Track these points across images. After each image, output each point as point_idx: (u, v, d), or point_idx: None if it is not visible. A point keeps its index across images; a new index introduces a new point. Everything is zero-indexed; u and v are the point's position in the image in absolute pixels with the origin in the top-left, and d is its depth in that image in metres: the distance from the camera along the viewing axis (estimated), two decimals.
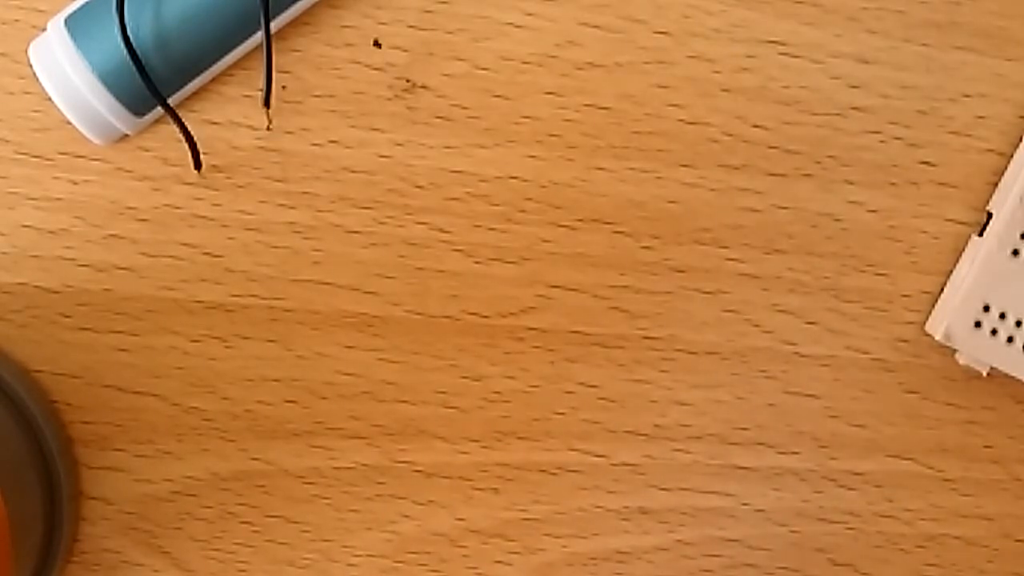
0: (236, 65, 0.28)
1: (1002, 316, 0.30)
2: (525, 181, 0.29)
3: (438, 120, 0.29)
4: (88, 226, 0.28)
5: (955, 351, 0.30)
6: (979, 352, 0.30)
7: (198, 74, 0.27)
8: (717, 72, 0.29)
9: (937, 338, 0.30)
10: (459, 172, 0.29)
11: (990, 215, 0.30)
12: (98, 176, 0.28)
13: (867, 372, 0.31)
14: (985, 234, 0.30)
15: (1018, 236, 0.30)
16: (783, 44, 0.30)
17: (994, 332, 0.30)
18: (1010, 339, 0.30)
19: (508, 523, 0.30)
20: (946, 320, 0.30)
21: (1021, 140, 0.30)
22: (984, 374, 0.30)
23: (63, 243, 0.28)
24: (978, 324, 0.30)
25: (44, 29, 0.27)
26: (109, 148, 0.28)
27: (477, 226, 0.29)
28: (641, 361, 0.30)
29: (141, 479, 0.29)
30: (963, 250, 0.31)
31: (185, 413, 0.29)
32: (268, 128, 0.28)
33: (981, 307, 0.30)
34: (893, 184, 0.30)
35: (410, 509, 0.30)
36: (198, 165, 0.28)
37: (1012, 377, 0.30)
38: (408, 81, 0.29)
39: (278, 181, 0.28)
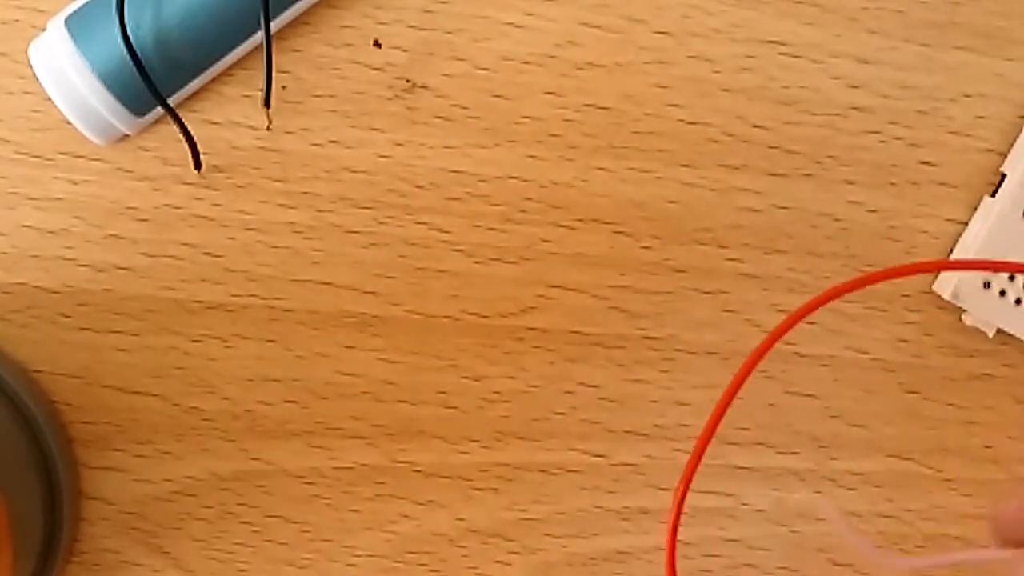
0: (236, 65, 0.28)
1: (1011, 278, 0.30)
2: (525, 181, 0.29)
3: (438, 120, 0.29)
4: (88, 226, 0.28)
5: (962, 312, 0.30)
6: (987, 313, 0.30)
7: (198, 74, 0.27)
8: (717, 72, 0.29)
9: (945, 297, 0.30)
10: (459, 172, 0.29)
11: (1004, 176, 0.30)
12: (98, 176, 0.28)
13: (867, 372, 0.31)
14: (998, 195, 0.30)
15: None
16: (783, 44, 0.30)
17: (1003, 293, 0.30)
18: (1018, 301, 0.30)
19: (508, 523, 0.30)
20: (955, 279, 0.30)
21: None
22: (990, 335, 0.30)
23: (63, 243, 0.28)
24: (987, 285, 0.30)
25: (44, 29, 0.27)
26: (109, 148, 0.28)
27: (477, 226, 0.29)
28: (641, 361, 0.30)
29: (141, 479, 0.29)
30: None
31: (185, 413, 0.29)
32: (268, 128, 0.28)
33: None
34: (893, 184, 0.30)
35: (410, 509, 0.30)
36: (198, 165, 0.28)
37: (1014, 370, 0.30)
38: (408, 81, 0.29)
39: (278, 181, 0.28)
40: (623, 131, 0.29)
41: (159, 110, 0.27)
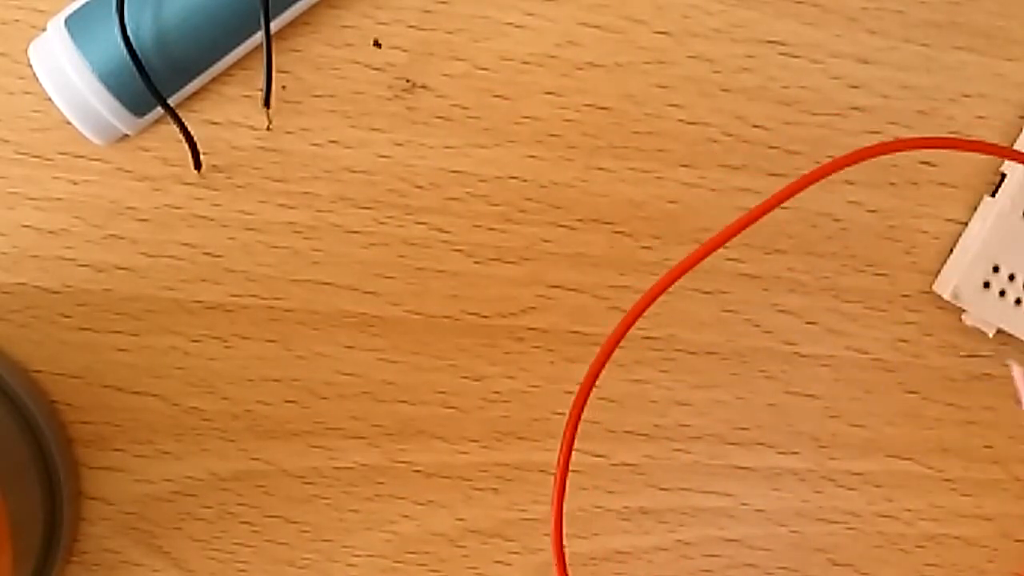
0: (236, 65, 0.28)
1: (1011, 278, 0.30)
2: (525, 181, 0.29)
3: (438, 120, 0.29)
4: (88, 226, 0.28)
5: (962, 312, 0.30)
6: (986, 313, 0.30)
7: (198, 74, 0.27)
8: (717, 72, 0.29)
9: (945, 297, 0.30)
10: (459, 172, 0.29)
11: (1004, 176, 0.30)
12: (98, 176, 0.28)
13: (867, 372, 0.31)
14: (998, 195, 0.30)
15: None
16: (783, 44, 0.30)
17: (1003, 293, 0.30)
18: (1018, 301, 0.30)
19: (508, 523, 0.30)
20: (955, 279, 0.30)
21: None
22: (990, 335, 0.30)
23: (63, 243, 0.28)
24: (987, 285, 0.30)
25: (44, 29, 0.27)
26: (109, 148, 0.28)
27: (477, 226, 0.29)
28: (641, 361, 0.30)
29: (141, 479, 0.29)
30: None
31: (185, 413, 0.29)
32: (268, 128, 0.28)
33: (991, 268, 0.30)
34: (893, 184, 0.30)
35: (410, 509, 0.30)
36: (198, 165, 0.28)
37: (1013, 378, 0.30)
38: (408, 81, 0.29)
39: (278, 181, 0.28)
40: (623, 131, 0.29)
41: (159, 110, 0.27)
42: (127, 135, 0.28)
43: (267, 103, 0.27)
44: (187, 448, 0.29)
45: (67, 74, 0.26)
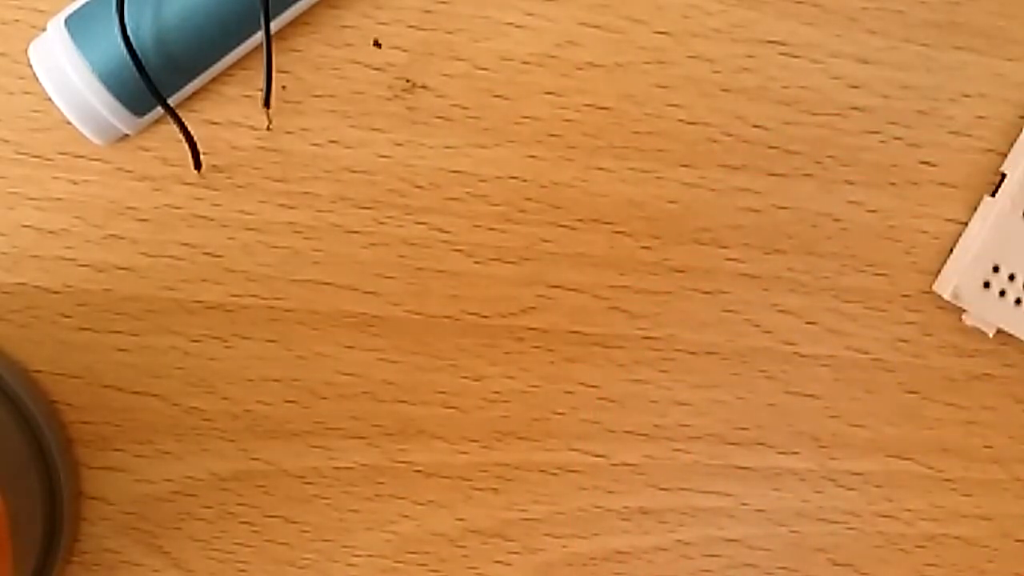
0: (236, 65, 0.28)
1: (1011, 278, 0.30)
2: (525, 181, 0.29)
3: (438, 120, 0.29)
4: (88, 226, 0.28)
5: (962, 312, 0.30)
6: (987, 313, 0.30)
7: (198, 74, 0.27)
8: (717, 72, 0.30)
9: (945, 297, 0.30)
10: (459, 172, 0.29)
11: (1004, 176, 0.30)
12: (98, 176, 0.28)
13: (867, 372, 0.31)
14: (998, 195, 0.30)
15: None
16: (783, 44, 0.30)
17: (1003, 293, 0.30)
18: (1018, 301, 0.30)
19: (508, 523, 0.30)
20: (955, 279, 0.30)
21: None
22: (990, 335, 0.30)
23: (63, 243, 0.28)
24: (987, 285, 0.30)
25: (44, 29, 0.27)
26: (109, 148, 0.28)
27: (477, 226, 0.29)
28: (641, 361, 0.30)
29: (141, 479, 0.29)
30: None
31: (185, 413, 0.29)
32: (268, 128, 0.28)
33: (991, 268, 0.30)
34: (893, 184, 0.30)
35: (410, 509, 0.30)
36: (198, 165, 0.28)
37: (1014, 370, 0.30)
38: (408, 81, 0.29)
39: (278, 181, 0.28)
40: (623, 131, 0.29)
41: (159, 110, 0.27)
42: (127, 135, 0.28)
43: (267, 103, 0.27)
44: (187, 448, 0.29)
45: (67, 74, 0.26)
